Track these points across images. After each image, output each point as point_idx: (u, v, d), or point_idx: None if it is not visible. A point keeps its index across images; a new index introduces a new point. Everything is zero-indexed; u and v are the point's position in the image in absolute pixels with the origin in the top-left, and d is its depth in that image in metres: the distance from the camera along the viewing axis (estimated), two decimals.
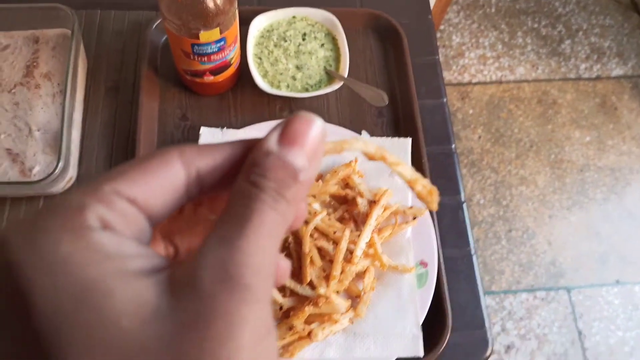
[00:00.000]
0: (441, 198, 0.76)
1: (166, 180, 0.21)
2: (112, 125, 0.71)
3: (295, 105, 0.74)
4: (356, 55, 0.77)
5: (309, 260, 0.58)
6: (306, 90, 0.72)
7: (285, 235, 0.22)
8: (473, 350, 0.62)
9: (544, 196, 1.69)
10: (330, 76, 0.73)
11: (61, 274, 0.18)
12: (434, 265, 0.62)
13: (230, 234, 0.19)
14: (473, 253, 0.67)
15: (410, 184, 0.27)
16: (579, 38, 1.96)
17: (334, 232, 0.60)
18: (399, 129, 0.73)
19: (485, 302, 0.65)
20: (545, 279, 1.58)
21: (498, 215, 1.65)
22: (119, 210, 0.20)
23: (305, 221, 0.59)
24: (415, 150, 0.69)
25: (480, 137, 1.76)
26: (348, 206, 0.64)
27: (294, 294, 0.58)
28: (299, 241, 0.59)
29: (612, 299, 1.56)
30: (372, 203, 0.61)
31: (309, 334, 0.56)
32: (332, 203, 0.65)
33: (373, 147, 0.25)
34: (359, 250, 0.58)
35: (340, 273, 0.58)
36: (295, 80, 0.73)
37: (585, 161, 1.75)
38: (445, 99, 0.76)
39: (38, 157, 0.63)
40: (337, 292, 0.58)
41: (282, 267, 0.25)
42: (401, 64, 0.76)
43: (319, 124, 0.22)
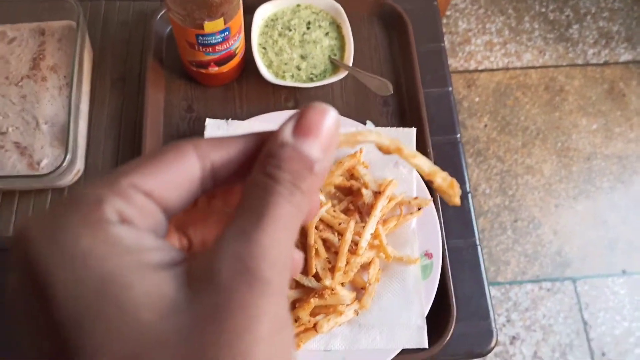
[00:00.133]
0: None
1: (182, 173, 0.21)
2: (119, 117, 0.71)
3: (300, 95, 0.74)
4: (361, 43, 0.77)
5: (314, 252, 0.58)
6: (311, 80, 0.72)
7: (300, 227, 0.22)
8: (478, 341, 0.62)
9: (550, 185, 1.68)
10: (335, 65, 0.73)
11: (81, 267, 0.18)
12: (438, 256, 0.62)
13: (247, 227, 0.20)
14: (478, 244, 0.67)
15: (428, 177, 0.26)
16: (587, 22, 1.93)
17: (339, 224, 0.60)
18: (404, 118, 0.73)
19: (490, 293, 0.65)
20: (551, 270, 1.57)
21: (504, 205, 1.65)
22: (136, 203, 0.20)
23: None
24: (420, 140, 0.69)
25: (486, 126, 1.75)
26: (353, 197, 0.64)
27: (299, 285, 0.59)
28: (304, 233, 0.59)
29: (618, 289, 1.56)
30: (377, 194, 0.61)
31: (315, 325, 0.57)
32: (337, 194, 0.65)
33: (387, 140, 0.25)
34: (364, 241, 0.58)
35: (346, 265, 0.58)
36: (300, 70, 0.73)
37: (592, 149, 1.73)
38: (450, 88, 0.76)
39: (46, 150, 0.64)
40: (342, 284, 0.59)
41: (296, 260, 0.25)
42: (406, 52, 0.76)
43: (333, 114, 0.22)
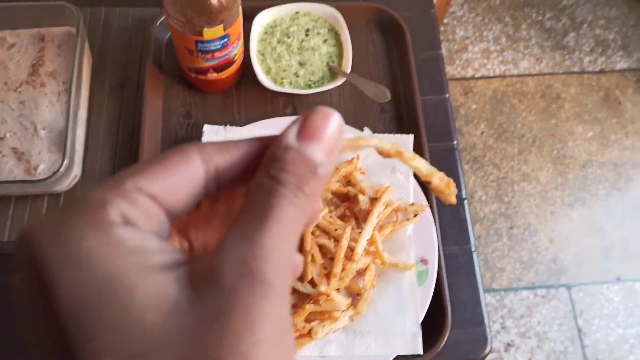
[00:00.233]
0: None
1: (186, 176, 0.21)
2: (117, 123, 0.71)
3: (299, 101, 0.74)
4: (359, 50, 0.77)
5: (310, 257, 0.58)
6: (309, 86, 0.73)
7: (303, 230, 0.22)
8: (472, 348, 0.63)
9: (545, 192, 1.68)
10: (333, 72, 0.74)
11: (85, 268, 0.18)
12: (434, 262, 0.62)
13: (250, 229, 0.20)
14: (473, 250, 0.67)
15: (426, 178, 0.27)
16: (584, 30, 1.94)
17: (335, 230, 0.60)
18: (401, 125, 0.74)
19: (485, 300, 0.65)
20: (546, 277, 1.57)
21: (500, 212, 1.65)
22: (140, 206, 0.20)
23: None
24: (417, 146, 0.70)
25: (483, 133, 1.76)
26: (350, 203, 0.64)
27: (294, 291, 0.59)
28: (300, 238, 0.60)
29: (613, 296, 1.56)
30: (374, 200, 0.62)
31: (310, 331, 0.57)
32: (334, 200, 0.65)
33: (388, 144, 0.26)
34: (360, 247, 0.59)
35: (341, 271, 0.58)
36: (298, 76, 0.73)
37: (587, 157, 1.74)
38: (447, 95, 0.76)
39: (43, 156, 0.64)
40: (338, 290, 0.59)
41: (297, 263, 0.25)
42: (404, 59, 0.77)
43: (336, 118, 0.22)
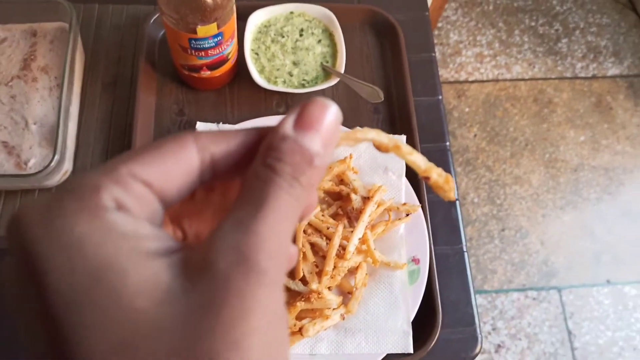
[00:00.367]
0: (433, 196, 0.75)
1: (181, 164, 0.21)
2: (109, 120, 0.71)
3: (292, 101, 0.74)
4: (353, 52, 0.78)
5: (301, 255, 0.58)
6: (303, 86, 0.73)
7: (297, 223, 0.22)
8: (463, 347, 0.63)
9: (537, 195, 1.69)
10: (327, 72, 0.74)
11: (76, 253, 0.18)
12: (425, 262, 0.62)
13: (246, 218, 0.19)
14: (465, 250, 0.68)
15: (425, 174, 0.26)
16: (576, 37, 1.96)
17: (328, 228, 0.60)
18: (394, 125, 0.74)
19: (475, 300, 0.65)
20: (537, 279, 1.58)
21: (492, 214, 1.66)
22: (134, 192, 0.20)
23: None
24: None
25: (475, 136, 1.77)
26: (342, 202, 0.64)
27: (286, 289, 0.59)
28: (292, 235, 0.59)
29: (603, 299, 1.57)
30: (366, 199, 0.62)
31: (300, 329, 0.57)
32: (326, 199, 0.65)
33: (386, 138, 0.25)
34: (352, 246, 0.59)
35: (333, 269, 0.58)
36: (292, 76, 0.73)
37: (579, 161, 1.75)
38: (440, 97, 0.77)
39: (34, 150, 0.64)
40: (329, 288, 0.59)
41: (292, 254, 0.25)
42: (397, 61, 0.77)
43: (334, 109, 0.22)
